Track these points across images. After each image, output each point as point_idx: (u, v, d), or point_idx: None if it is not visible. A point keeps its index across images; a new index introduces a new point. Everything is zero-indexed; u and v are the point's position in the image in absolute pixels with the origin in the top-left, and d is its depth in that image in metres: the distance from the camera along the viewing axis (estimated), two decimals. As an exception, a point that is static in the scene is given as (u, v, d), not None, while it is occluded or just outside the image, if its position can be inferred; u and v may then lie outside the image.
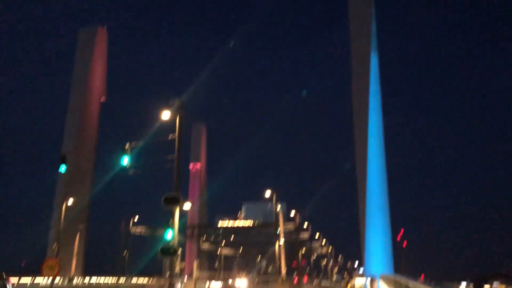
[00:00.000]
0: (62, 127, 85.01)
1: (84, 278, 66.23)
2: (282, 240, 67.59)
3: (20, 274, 63.49)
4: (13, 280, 56.82)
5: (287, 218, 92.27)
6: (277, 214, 67.74)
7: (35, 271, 70.04)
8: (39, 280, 57.77)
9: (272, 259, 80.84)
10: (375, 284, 41.07)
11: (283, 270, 65.95)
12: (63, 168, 29.83)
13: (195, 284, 27.69)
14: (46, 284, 38.66)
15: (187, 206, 54.39)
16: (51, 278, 16.49)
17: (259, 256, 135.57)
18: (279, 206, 69.11)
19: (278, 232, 66.70)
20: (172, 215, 26.41)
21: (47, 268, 15.17)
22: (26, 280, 57.78)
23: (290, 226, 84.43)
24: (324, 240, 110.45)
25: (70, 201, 58.92)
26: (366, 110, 64.17)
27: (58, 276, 16.26)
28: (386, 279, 29.84)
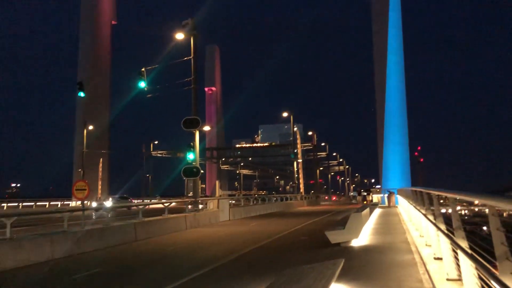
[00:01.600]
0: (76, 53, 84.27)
1: (111, 200, 69.20)
2: (299, 159, 68.69)
3: (49, 199, 66.45)
4: (44, 202, 59.62)
5: (304, 139, 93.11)
6: (294, 134, 68.17)
7: (62, 195, 73.29)
8: (68, 203, 60.49)
9: (290, 178, 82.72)
10: (393, 198, 41.89)
11: (302, 187, 67.74)
12: (81, 94, 29.81)
13: (218, 202, 28.55)
14: (76, 206, 40.39)
15: (206, 128, 54.85)
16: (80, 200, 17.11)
17: (277, 175, 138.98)
18: (295, 127, 69.33)
19: (295, 151, 67.49)
20: (192, 137, 26.66)
21: (77, 190, 15.60)
22: (56, 203, 60.52)
23: (308, 145, 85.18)
24: (341, 159, 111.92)
25: (90, 127, 59.83)
26: (386, 27, 61.71)
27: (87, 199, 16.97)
28: (403, 192, 30.30)
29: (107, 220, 21.07)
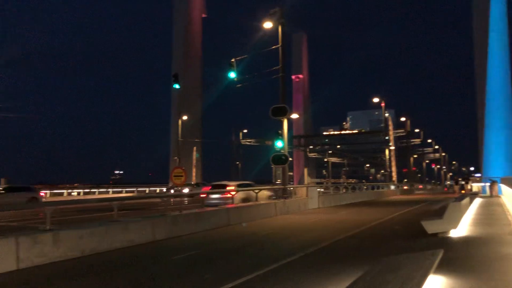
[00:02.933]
0: (170, 47, 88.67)
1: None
2: (391, 146, 66.20)
3: (149, 185, 71.11)
4: (145, 188, 64.01)
5: (397, 125, 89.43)
6: (386, 120, 65.76)
7: (160, 182, 77.97)
8: (165, 188, 64.26)
9: (381, 166, 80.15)
10: (496, 187, 38.72)
11: (394, 176, 65.34)
12: (177, 86, 31.34)
13: (307, 190, 28.58)
14: (173, 192, 42.86)
15: (294, 116, 55.00)
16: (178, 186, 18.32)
17: (367, 164, 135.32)
18: (387, 113, 66.78)
19: (387, 138, 65.13)
20: (280, 125, 26.89)
21: (175, 177, 16.54)
22: (154, 188, 64.69)
23: (400, 132, 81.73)
24: (437, 146, 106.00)
25: (184, 117, 62.80)
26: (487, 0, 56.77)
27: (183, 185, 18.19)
28: (507, 181, 27.97)
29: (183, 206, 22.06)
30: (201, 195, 24.26)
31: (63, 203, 22.98)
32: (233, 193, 22.39)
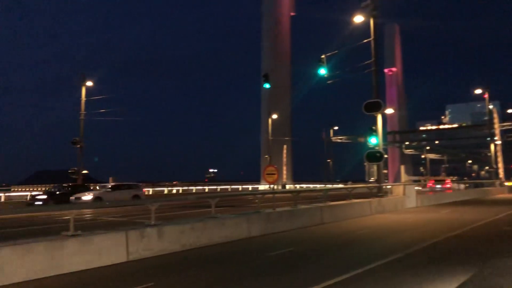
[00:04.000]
0: (258, 48, 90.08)
1: (294, 184, 72.72)
2: (497, 141, 61.03)
3: (241, 182, 72.90)
4: (237, 186, 65.79)
5: (502, 118, 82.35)
6: (490, 112, 60.78)
7: (252, 179, 79.58)
8: (256, 186, 65.55)
9: (485, 162, 74.28)
10: None
11: (501, 173, 60.22)
12: (267, 86, 31.77)
13: (404, 188, 27.36)
14: (264, 189, 43.57)
15: (388, 111, 52.97)
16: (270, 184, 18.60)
17: (469, 160, 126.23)
18: (491, 105, 61.62)
19: (492, 132, 60.17)
20: (374, 121, 26.08)
21: (268, 175, 16.79)
22: (246, 186, 66.22)
23: (507, 124, 75.04)
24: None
25: (274, 116, 63.44)
26: None
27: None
28: None
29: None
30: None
31: (166, 200, 24.42)
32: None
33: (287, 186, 65.58)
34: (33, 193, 41.51)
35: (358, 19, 26.98)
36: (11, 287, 8.52)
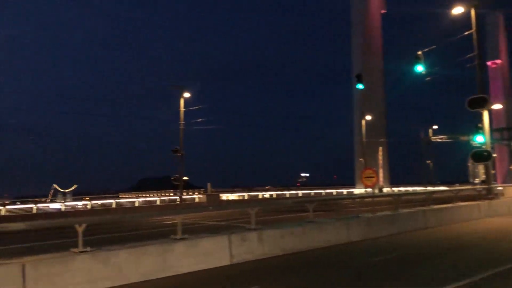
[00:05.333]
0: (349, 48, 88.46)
1: (391, 187, 69.91)
2: None
3: (335, 186, 71.83)
4: (330, 190, 64.92)
5: None
6: None
7: (345, 183, 78.03)
8: (351, 190, 64.09)
9: None
10: None
11: None
12: (360, 86, 31.07)
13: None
14: (361, 193, 42.47)
15: (496, 106, 48.95)
16: (367, 188, 18.06)
17: None
18: None
19: None
20: (479, 118, 24.28)
21: (366, 178, 16.35)
22: (341, 190, 65.04)
23: None
24: None
25: (368, 117, 61.77)
26: None
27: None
28: None
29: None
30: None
31: (264, 204, 24.84)
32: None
33: (384, 190, 63.35)
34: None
35: (458, 10, 25.33)
36: (130, 287, 9.19)
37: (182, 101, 41.94)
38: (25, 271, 8.20)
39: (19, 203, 55.47)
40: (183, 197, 43.50)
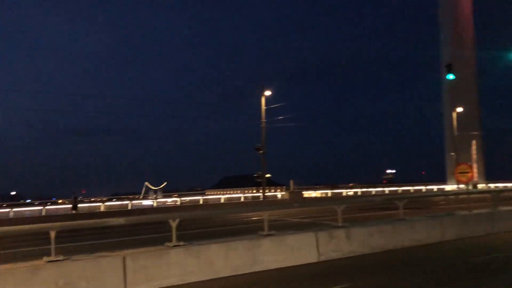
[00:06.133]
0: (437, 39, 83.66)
1: (487, 183, 65.14)
2: None
3: (424, 183, 68.49)
4: (419, 187, 61.99)
5: None
6: None
7: (435, 180, 74.07)
8: (442, 186, 60.67)
9: None
10: None
11: None
12: (450, 77, 29.29)
13: None
14: (453, 190, 40.06)
15: None
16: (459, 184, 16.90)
17: None
18: None
19: None
20: None
21: (460, 173, 15.37)
22: (431, 187, 61.83)
23: None
24: None
25: (459, 109, 58.10)
26: None
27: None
28: None
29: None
30: None
31: (351, 201, 24.37)
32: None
33: (479, 186, 59.26)
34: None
35: None
36: (219, 281, 9.45)
37: (263, 100, 42.40)
38: (125, 263, 8.76)
39: (115, 200, 59.78)
40: (266, 194, 44.01)
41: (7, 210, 33.61)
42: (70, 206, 34.76)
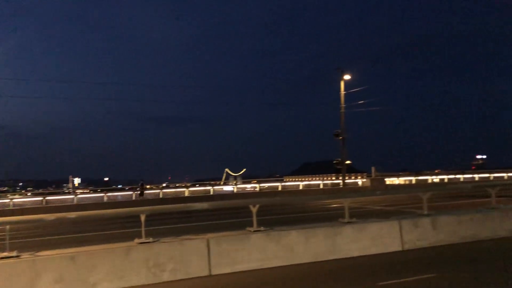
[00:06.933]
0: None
1: None
2: None
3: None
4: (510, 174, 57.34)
5: None
6: None
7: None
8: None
9: None
10: None
11: None
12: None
13: None
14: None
15: None
16: None
17: None
18: None
19: None
20: None
21: None
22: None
23: None
24: None
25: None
26: None
27: None
28: None
29: None
30: None
31: (438, 189, 23.27)
32: None
33: None
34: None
35: None
36: (298, 267, 9.48)
37: (342, 84, 41.51)
38: (209, 246, 9.09)
39: (198, 185, 62.13)
40: (346, 181, 43.25)
41: (102, 194, 36.25)
42: (138, 192, 37.00)
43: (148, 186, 60.43)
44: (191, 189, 42.73)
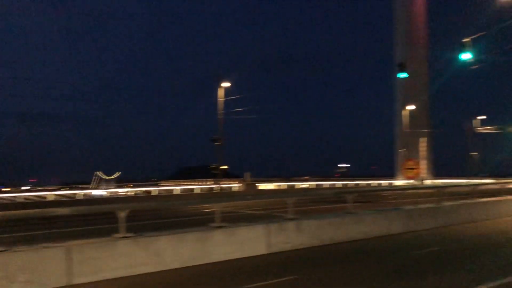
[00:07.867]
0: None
1: (434, 179, 67.97)
2: None
3: (374, 178, 70.57)
4: (371, 181, 63.80)
5: None
6: None
7: (384, 175, 76.48)
8: (390, 182, 62.70)
9: None
10: None
11: None
12: (403, 75, 30.24)
13: None
14: (402, 185, 41.52)
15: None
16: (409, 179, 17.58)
17: None
18: None
19: None
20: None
21: (407, 169, 15.93)
22: (381, 181, 63.80)
23: None
24: None
25: (410, 107, 60.15)
26: None
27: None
28: None
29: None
30: None
31: (302, 194, 24.71)
32: None
33: (427, 182, 61.76)
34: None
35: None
36: (169, 273, 9.37)
37: (220, 91, 42.24)
38: (71, 254, 8.51)
39: (67, 189, 57.97)
40: (221, 185, 43.98)
41: None
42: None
43: (5, 189, 54.60)
44: (56, 192, 39.71)
